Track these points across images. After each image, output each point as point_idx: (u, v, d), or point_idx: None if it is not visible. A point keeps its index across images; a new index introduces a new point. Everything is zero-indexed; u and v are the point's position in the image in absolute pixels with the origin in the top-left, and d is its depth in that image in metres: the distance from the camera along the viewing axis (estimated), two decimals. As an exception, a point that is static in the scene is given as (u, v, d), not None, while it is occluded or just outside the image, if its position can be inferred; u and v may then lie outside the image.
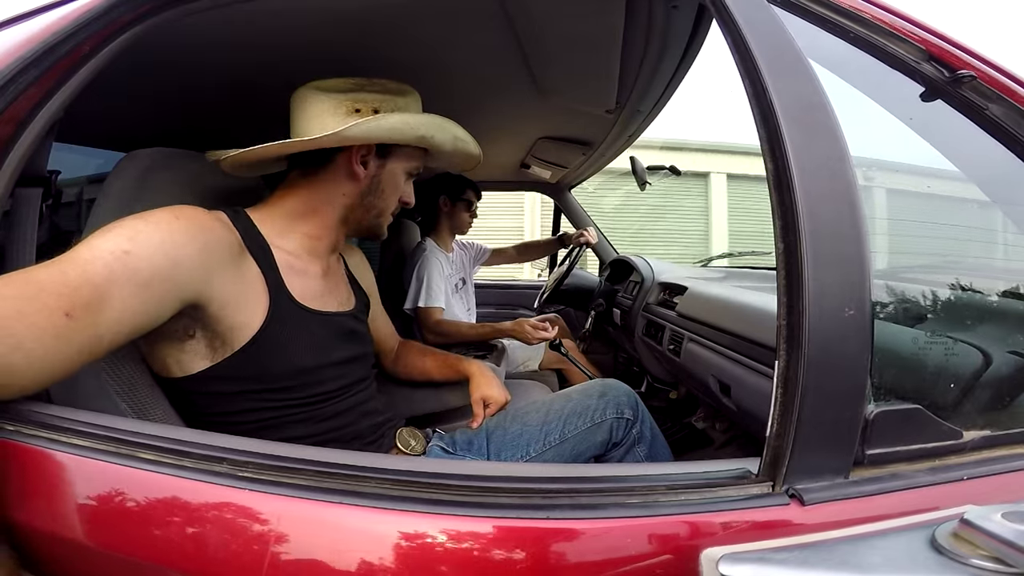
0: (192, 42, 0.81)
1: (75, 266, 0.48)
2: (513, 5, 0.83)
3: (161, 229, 0.55)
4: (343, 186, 0.76)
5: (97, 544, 0.43)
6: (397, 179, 0.80)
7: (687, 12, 0.87)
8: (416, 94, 0.80)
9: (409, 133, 0.74)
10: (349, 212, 0.78)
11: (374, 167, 0.77)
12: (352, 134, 0.69)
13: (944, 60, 0.57)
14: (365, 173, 0.76)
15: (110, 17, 0.58)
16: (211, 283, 0.60)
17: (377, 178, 0.78)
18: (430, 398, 1.15)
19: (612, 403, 0.93)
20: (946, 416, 0.51)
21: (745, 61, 0.51)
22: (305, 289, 0.73)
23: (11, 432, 0.45)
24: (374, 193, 0.78)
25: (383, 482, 0.44)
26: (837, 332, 0.44)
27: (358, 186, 0.77)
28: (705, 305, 1.24)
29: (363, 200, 0.78)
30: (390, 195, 0.80)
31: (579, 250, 1.95)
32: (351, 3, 0.79)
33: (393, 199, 0.81)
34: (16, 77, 0.54)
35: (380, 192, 0.79)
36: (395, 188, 0.80)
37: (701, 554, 0.41)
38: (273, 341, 0.66)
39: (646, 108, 1.34)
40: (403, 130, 0.73)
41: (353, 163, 0.74)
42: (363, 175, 0.76)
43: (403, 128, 0.73)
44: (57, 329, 0.44)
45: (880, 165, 0.71)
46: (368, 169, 0.76)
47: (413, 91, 0.79)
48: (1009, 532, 0.34)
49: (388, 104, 0.75)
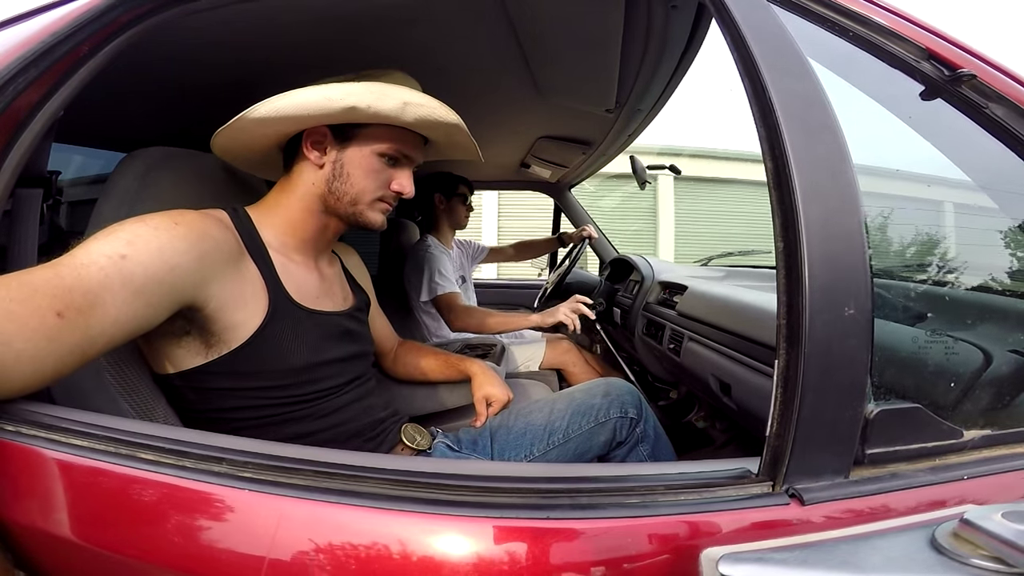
0: (192, 42, 0.81)
1: (71, 269, 0.48)
2: (513, 5, 0.83)
3: (160, 235, 0.55)
4: (310, 175, 0.73)
5: (95, 545, 0.43)
6: (365, 162, 0.73)
7: (687, 11, 0.87)
8: (408, 77, 0.76)
9: (331, 107, 0.66)
10: (323, 201, 0.74)
11: (334, 152, 0.73)
12: (256, 114, 0.66)
13: (944, 59, 0.57)
14: (324, 158, 0.72)
15: (109, 17, 0.58)
16: (208, 287, 0.60)
17: (339, 163, 0.73)
18: (431, 397, 1.15)
19: (616, 402, 0.93)
20: (946, 415, 0.51)
21: (745, 60, 0.51)
22: (302, 288, 0.73)
23: (10, 432, 0.45)
24: (339, 179, 0.73)
25: (382, 482, 0.44)
26: (837, 331, 0.44)
27: (321, 173, 0.73)
28: (705, 304, 1.24)
29: (330, 187, 0.73)
30: (359, 180, 0.73)
31: (579, 248, 1.95)
32: (351, 3, 0.79)
33: (367, 184, 0.74)
34: (16, 77, 0.54)
35: (345, 177, 0.73)
36: (365, 172, 0.73)
37: (701, 554, 0.41)
38: (269, 340, 0.66)
39: (646, 107, 1.34)
40: (323, 104, 0.66)
41: (306, 149, 0.72)
42: (320, 161, 0.72)
43: (321, 103, 0.66)
44: (49, 330, 0.44)
45: (880, 163, 0.71)
46: (328, 154, 0.73)
47: (405, 76, 0.76)
48: (1009, 532, 0.34)
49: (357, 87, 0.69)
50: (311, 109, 0.66)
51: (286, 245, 0.74)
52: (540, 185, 2.27)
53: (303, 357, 0.70)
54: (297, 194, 0.74)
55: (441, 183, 1.79)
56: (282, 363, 0.68)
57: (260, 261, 0.69)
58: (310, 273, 0.77)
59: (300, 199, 0.74)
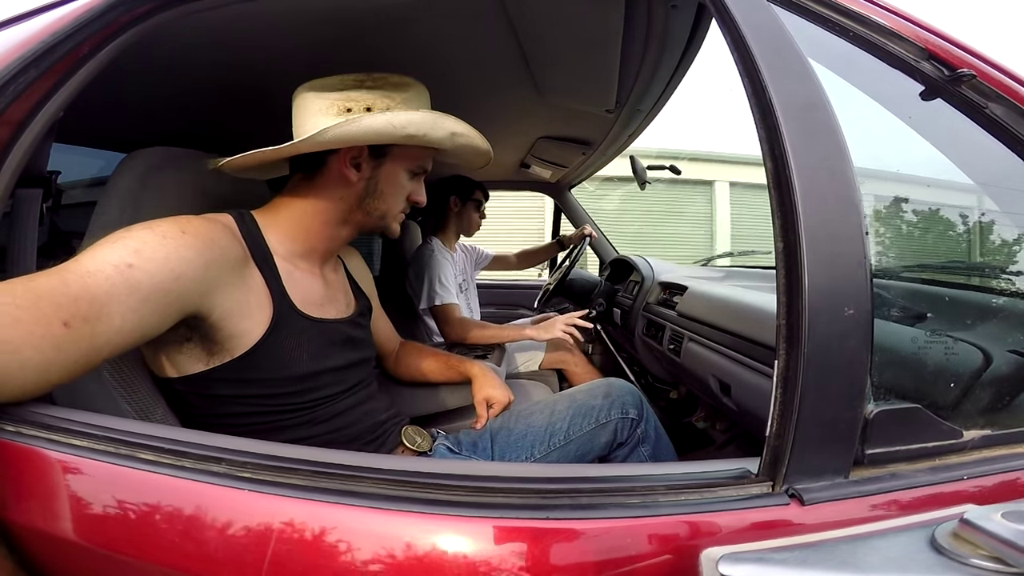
0: (192, 42, 0.81)
1: (77, 277, 0.48)
2: (513, 5, 0.83)
3: (167, 243, 0.55)
4: (338, 190, 0.74)
5: (96, 545, 0.43)
6: (397, 179, 0.76)
7: (687, 12, 0.87)
8: (420, 87, 0.76)
9: (394, 133, 0.68)
10: (347, 215, 0.76)
11: (369, 169, 0.74)
12: (326, 138, 0.65)
13: (944, 59, 0.57)
14: (359, 176, 0.73)
15: (109, 17, 0.58)
16: (213, 296, 0.60)
17: (374, 180, 0.74)
18: (431, 399, 1.15)
19: (617, 403, 0.93)
20: (946, 415, 0.51)
21: (745, 60, 0.51)
22: (306, 297, 0.72)
23: (11, 433, 0.45)
24: (372, 196, 0.75)
25: (381, 482, 0.44)
26: (837, 331, 0.44)
27: (353, 189, 0.74)
28: (705, 305, 1.24)
29: (361, 203, 0.75)
30: (391, 196, 0.76)
31: (580, 248, 1.95)
32: (351, 3, 0.79)
33: (396, 200, 0.77)
34: (16, 77, 0.54)
35: (379, 194, 0.75)
36: (396, 189, 0.76)
37: (701, 554, 0.41)
38: (272, 349, 0.66)
39: (646, 107, 1.34)
40: (387, 131, 0.67)
41: (343, 166, 0.72)
42: (356, 178, 0.73)
43: (386, 128, 0.67)
44: (55, 338, 0.44)
45: (880, 164, 0.71)
46: (362, 172, 0.73)
47: (417, 84, 0.76)
48: (1009, 532, 0.34)
49: (383, 102, 0.71)
50: (375, 135, 0.68)
51: (293, 252, 0.74)
52: (540, 185, 2.27)
53: (305, 365, 0.70)
54: (318, 206, 0.74)
55: (457, 186, 1.77)
56: (284, 371, 0.68)
57: (265, 269, 0.68)
58: (315, 280, 0.77)
59: (321, 211, 0.74)
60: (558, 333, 1.38)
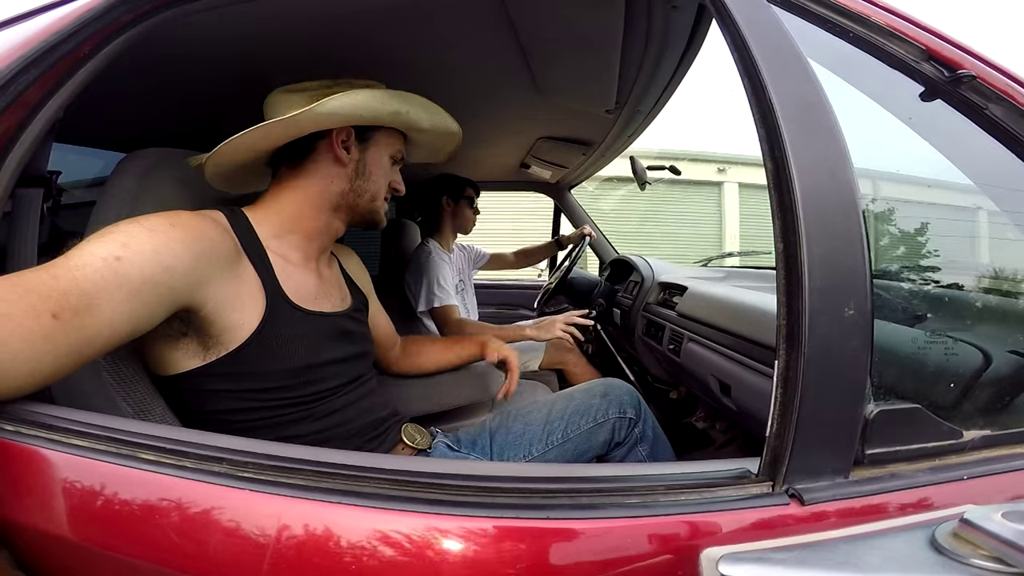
0: (192, 42, 0.81)
1: (66, 271, 0.48)
2: (513, 5, 0.83)
3: (155, 236, 0.55)
4: (330, 173, 0.76)
5: (95, 545, 0.43)
6: (382, 162, 0.80)
7: (687, 12, 0.87)
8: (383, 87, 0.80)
9: (383, 108, 0.74)
10: (341, 199, 0.78)
11: (356, 152, 0.77)
12: (327, 108, 0.68)
13: (944, 60, 0.57)
14: (349, 157, 0.76)
15: (110, 17, 0.58)
16: (205, 289, 0.60)
17: (362, 162, 0.78)
18: (429, 398, 1.15)
19: (615, 403, 0.93)
20: (946, 416, 0.51)
21: (744, 61, 0.51)
22: (300, 290, 0.73)
23: (10, 432, 0.45)
24: (362, 176, 0.78)
25: (382, 482, 0.44)
26: (837, 332, 0.44)
27: (344, 171, 0.77)
28: (705, 305, 1.24)
29: (352, 185, 0.78)
30: (379, 178, 0.80)
31: (579, 248, 1.95)
32: (351, 3, 0.79)
33: (382, 182, 0.81)
34: (16, 77, 0.54)
35: (368, 175, 0.79)
36: (382, 171, 0.80)
37: (701, 554, 0.41)
38: (268, 342, 0.66)
39: (646, 108, 1.34)
40: (375, 105, 0.73)
41: (335, 147, 0.75)
42: (347, 159, 0.76)
43: (374, 104, 0.73)
44: (45, 331, 0.44)
45: (880, 164, 0.71)
46: (351, 154, 0.77)
47: (381, 85, 0.79)
48: (1009, 532, 0.34)
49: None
50: (367, 111, 0.73)
51: (285, 245, 0.74)
52: (540, 186, 2.27)
53: (301, 358, 0.70)
54: (310, 191, 0.76)
55: (448, 185, 1.77)
56: (280, 364, 0.68)
57: (257, 262, 0.69)
58: (308, 274, 0.77)
59: (313, 196, 0.76)
60: (558, 333, 1.38)
